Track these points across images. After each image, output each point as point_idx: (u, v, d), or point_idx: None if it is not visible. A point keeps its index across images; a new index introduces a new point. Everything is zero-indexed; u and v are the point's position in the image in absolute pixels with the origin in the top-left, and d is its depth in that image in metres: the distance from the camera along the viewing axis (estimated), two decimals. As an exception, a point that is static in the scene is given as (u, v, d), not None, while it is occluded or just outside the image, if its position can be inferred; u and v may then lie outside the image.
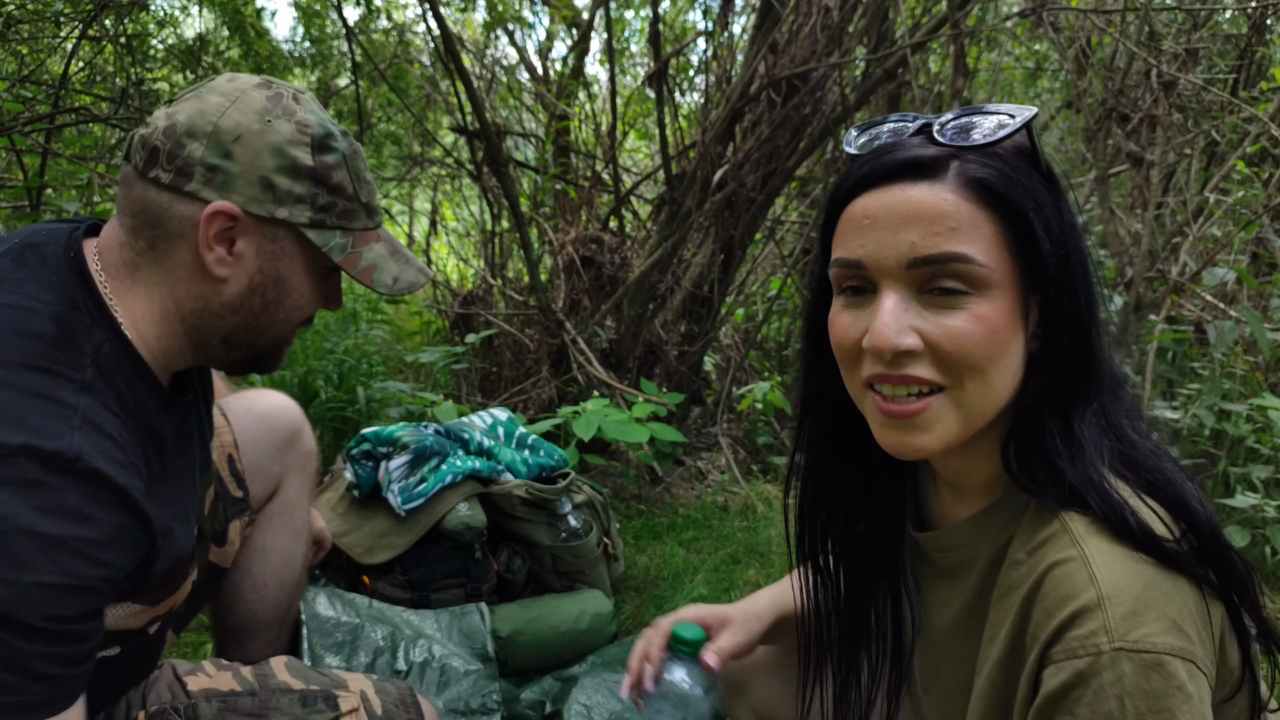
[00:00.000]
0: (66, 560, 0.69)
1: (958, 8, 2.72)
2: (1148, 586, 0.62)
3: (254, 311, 0.89)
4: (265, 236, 0.86)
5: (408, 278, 0.95)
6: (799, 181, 3.79)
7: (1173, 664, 0.59)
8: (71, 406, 0.73)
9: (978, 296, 0.66)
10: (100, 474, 0.72)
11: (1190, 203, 2.75)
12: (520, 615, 1.88)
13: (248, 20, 4.91)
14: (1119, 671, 0.60)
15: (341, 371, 3.03)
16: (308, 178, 0.86)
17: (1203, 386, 2.55)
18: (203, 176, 0.82)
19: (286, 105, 0.86)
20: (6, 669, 0.67)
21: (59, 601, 0.69)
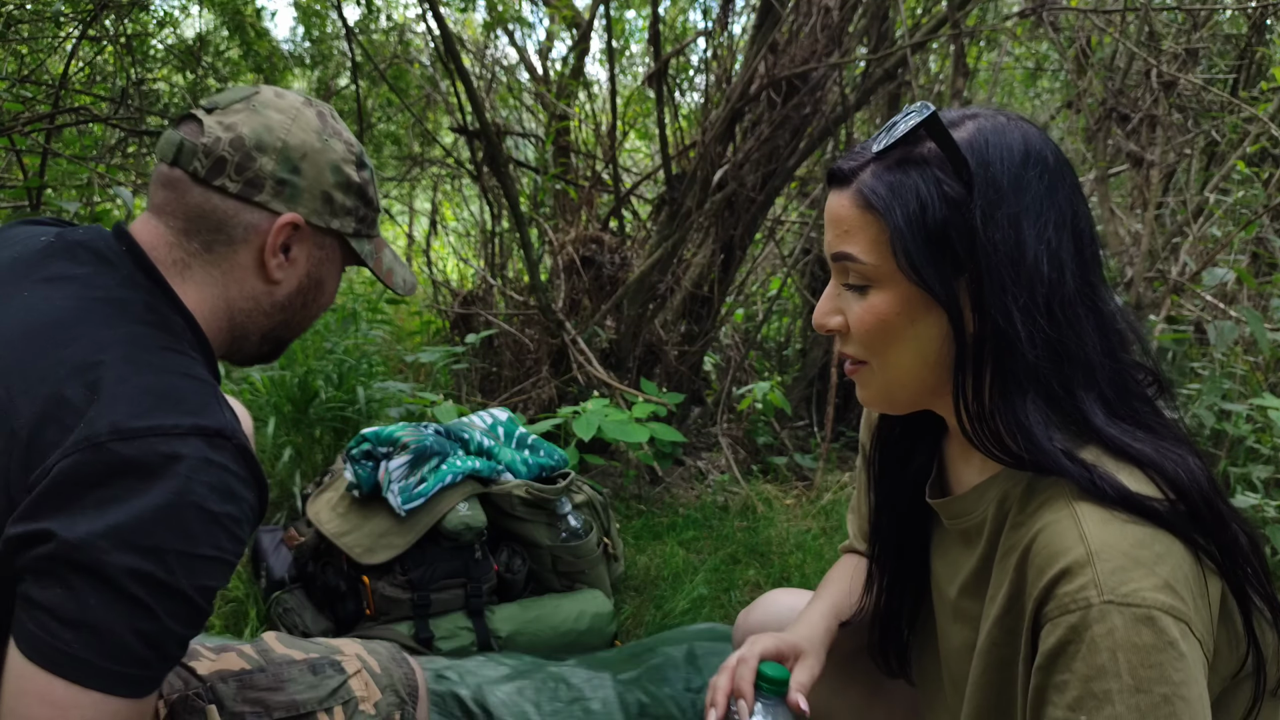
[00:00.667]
0: (221, 535, 0.75)
1: (958, 8, 2.72)
2: (1138, 545, 0.64)
3: (295, 311, 0.98)
4: (316, 244, 0.95)
5: (409, 279, 1.06)
6: (799, 181, 3.79)
7: (1164, 620, 0.61)
8: (211, 384, 0.81)
9: (873, 289, 0.76)
10: (248, 451, 0.79)
11: (1190, 203, 2.75)
12: (520, 615, 1.88)
13: (248, 20, 4.91)
14: (1110, 624, 0.61)
15: (341, 371, 3.03)
16: (355, 193, 0.96)
17: (1203, 386, 2.55)
18: (273, 189, 0.90)
19: (332, 125, 0.95)
20: (151, 645, 0.71)
21: (210, 574, 0.74)
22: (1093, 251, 0.75)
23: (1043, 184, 0.73)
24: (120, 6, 2.89)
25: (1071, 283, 0.72)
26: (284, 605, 1.85)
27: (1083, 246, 0.74)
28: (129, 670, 0.71)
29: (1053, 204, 0.73)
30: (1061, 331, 0.71)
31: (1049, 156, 0.74)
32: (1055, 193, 0.73)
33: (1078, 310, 0.72)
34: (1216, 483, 0.70)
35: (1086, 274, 0.74)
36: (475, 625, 1.84)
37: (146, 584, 0.70)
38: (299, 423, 2.91)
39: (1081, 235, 0.74)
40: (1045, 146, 0.75)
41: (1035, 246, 0.71)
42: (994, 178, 0.72)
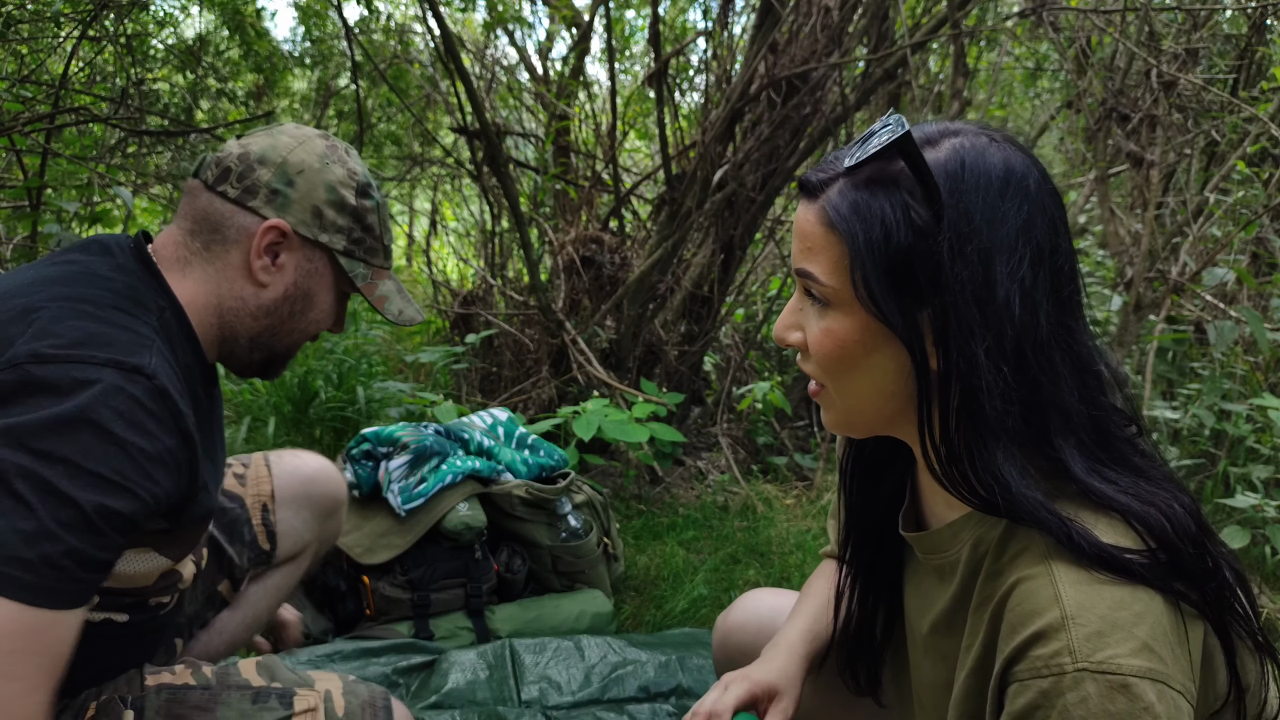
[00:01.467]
0: (124, 463, 0.78)
1: (958, 8, 2.72)
2: (1115, 606, 0.61)
3: (282, 318, 1.03)
4: (305, 256, 1.02)
5: (409, 313, 1.11)
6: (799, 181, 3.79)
7: (1139, 685, 0.59)
8: (149, 339, 0.87)
9: (833, 310, 0.72)
10: (168, 393, 0.83)
11: (1190, 203, 2.75)
12: (520, 615, 1.88)
13: (248, 20, 4.91)
14: (1083, 693, 0.59)
15: (341, 371, 3.03)
16: (349, 214, 1.03)
17: (1203, 386, 2.55)
18: (266, 197, 0.98)
19: (340, 155, 1.04)
20: (29, 545, 0.73)
21: (109, 495, 0.77)
22: (1071, 290, 0.71)
23: (1020, 216, 0.67)
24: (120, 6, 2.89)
25: (1045, 324, 0.68)
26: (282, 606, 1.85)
27: (1060, 285, 0.69)
28: (12, 571, 0.72)
29: (1029, 239, 0.68)
30: (1032, 377, 0.67)
31: (1030, 185, 0.69)
32: (1033, 226, 0.68)
33: (1052, 354, 0.68)
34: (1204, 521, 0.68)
35: (1063, 315, 0.69)
36: (475, 625, 1.84)
37: (30, 481, 0.73)
38: (299, 423, 2.92)
39: (1060, 272, 0.69)
40: (1029, 173, 0.69)
41: (1007, 285, 0.66)
42: (966, 207, 0.67)
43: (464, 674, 1.62)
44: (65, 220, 2.87)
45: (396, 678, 1.63)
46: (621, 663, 1.69)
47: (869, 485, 0.91)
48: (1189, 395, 2.64)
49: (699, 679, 1.68)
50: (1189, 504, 0.68)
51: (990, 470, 0.68)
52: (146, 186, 4.17)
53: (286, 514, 1.34)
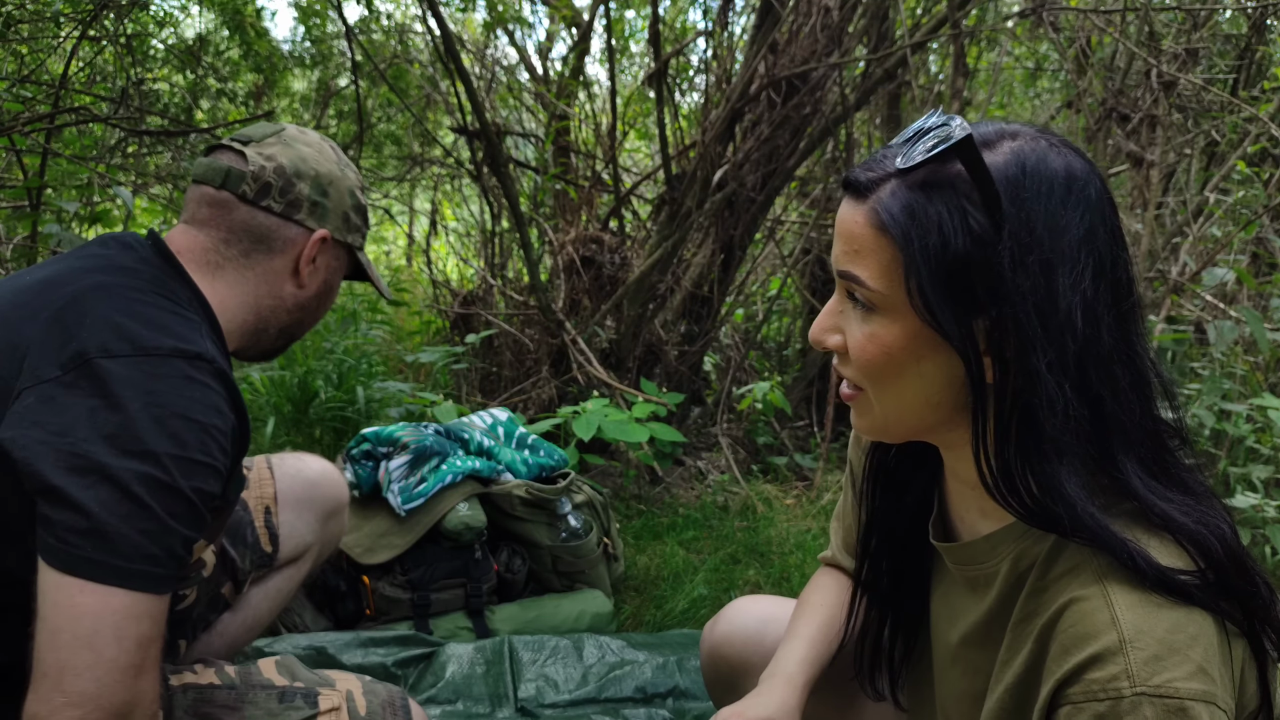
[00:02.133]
0: (210, 444, 0.84)
1: (958, 8, 2.72)
2: (1172, 630, 0.61)
3: (310, 310, 1.13)
4: (334, 255, 1.13)
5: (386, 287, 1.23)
6: (799, 181, 3.79)
7: (1196, 709, 0.59)
8: (198, 323, 0.93)
9: (879, 315, 0.69)
10: (228, 377, 0.89)
11: (1190, 203, 2.75)
12: (520, 615, 1.88)
13: (248, 20, 4.91)
14: (1141, 716, 0.59)
15: (341, 371, 3.03)
16: (361, 214, 1.15)
17: (1203, 386, 2.55)
18: (309, 209, 1.07)
19: (341, 158, 1.13)
20: (161, 544, 0.79)
21: (204, 478, 0.83)
22: (1130, 304, 0.68)
23: (1083, 225, 0.65)
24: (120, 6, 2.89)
25: (1108, 338, 0.65)
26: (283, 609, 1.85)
27: (1120, 298, 0.67)
28: (142, 567, 0.78)
29: (1092, 249, 0.65)
30: (1095, 393, 0.65)
31: (1092, 193, 0.66)
32: (1095, 236, 0.66)
33: (1114, 369, 0.66)
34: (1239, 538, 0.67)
35: (1125, 327, 0.67)
36: (475, 625, 1.84)
37: (146, 485, 0.78)
38: (299, 423, 2.92)
39: (1120, 284, 0.67)
40: (1090, 181, 0.67)
41: (1069, 297, 0.64)
42: (1029, 216, 0.64)
43: (461, 668, 1.63)
44: (65, 220, 2.87)
45: (395, 669, 1.63)
46: (619, 663, 1.69)
47: (893, 493, 0.88)
48: (1189, 395, 2.64)
49: (697, 680, 1.68)
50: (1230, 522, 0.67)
51: (1053, 488, 0.66)
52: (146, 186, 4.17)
53: (289, 516, 1.34)
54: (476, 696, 1.58)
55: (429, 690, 1.57)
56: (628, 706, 1.60)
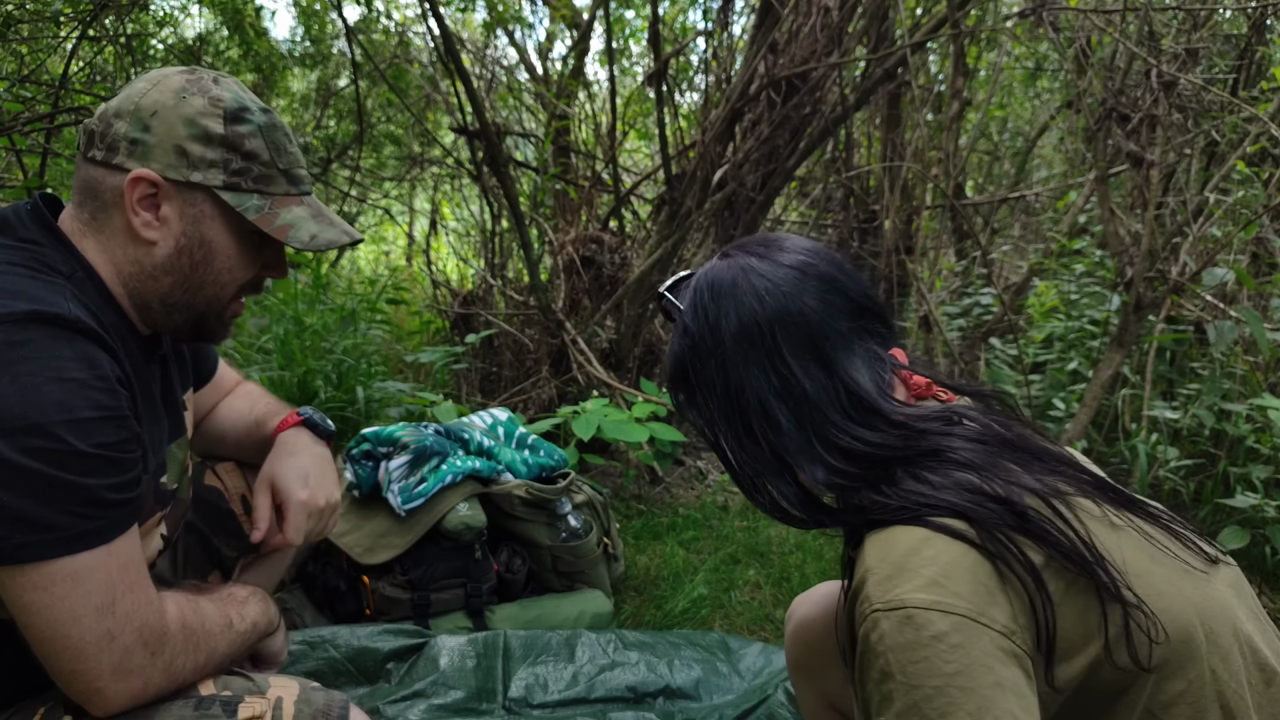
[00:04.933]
0: (95, 395, 0.80)
1: (958, 8, 2.72)
2: (908, 553, 0.69)
3: (185, 273, 0.97)
4: (186, 201, 0.94)
5: (328, 236, 1.00)
6: (799, 181, 3.79)
7: (923, 616, 0.65)
8: (61, 286, 0.86)
9: None
10: (97, 333, 0.83)
11: (1190, 203, 2.75)
12: (520, 615, 1.88)
13: (247, 20, 4.91)
14: (880, 630, 0.67)
15: (341, 371, 3.03)
16: (219, 144, 0.94)
17: (1203, 386, 2.55)
18: (126, 149, 0.92)
19: (203, 85, 0.95)
20: (84, 502, 0.78)
21: (102, 430, 0.80)
22: (801, 339, 0.83)
23: (736, 316, 0.86)
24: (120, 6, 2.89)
25: (760, 387, 0.84)
26: (284, 605, 1.85)
27: (776, 350, 0.84)
28: (74, 528, 0.78)
29: (746, 330, 0.85)
30: (766, 431, 0.83)
31: (744, 287, 0.86)
32: (752, 315, 0.85)
33: (773, 409, 0.84)
34: (982, 466, 0.74)
35: (782, 370, 0.83)
36: (475, 625, 1.84)
37: (44, 459, 0.76)
38: (299, 423, 2.91)
39: (773, 338, 0.84)
40: (742, 279, 0.87)
41: (722, 371, 0.85)
42: (694, 326, 0.88)
43: (452, 661, 1.62)
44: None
45: (388, 662, 1.63)
46: (610, 664, 1.68)
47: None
48: (1189, 395, 2.64)
49: (689, 678, 1.67)
50: (963, 457, 0.76)
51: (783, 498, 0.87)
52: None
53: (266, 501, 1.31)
54: (466, 690, 1.57)
55: (419, 682, 1.57)
56: (616, 708, 1.60)
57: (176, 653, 0.86)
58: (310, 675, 1.56)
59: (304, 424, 1.26)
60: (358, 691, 1.57)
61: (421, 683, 1.57)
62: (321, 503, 1.18)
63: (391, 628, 1.70)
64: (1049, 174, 5.40)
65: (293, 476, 1.17)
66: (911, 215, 3.65)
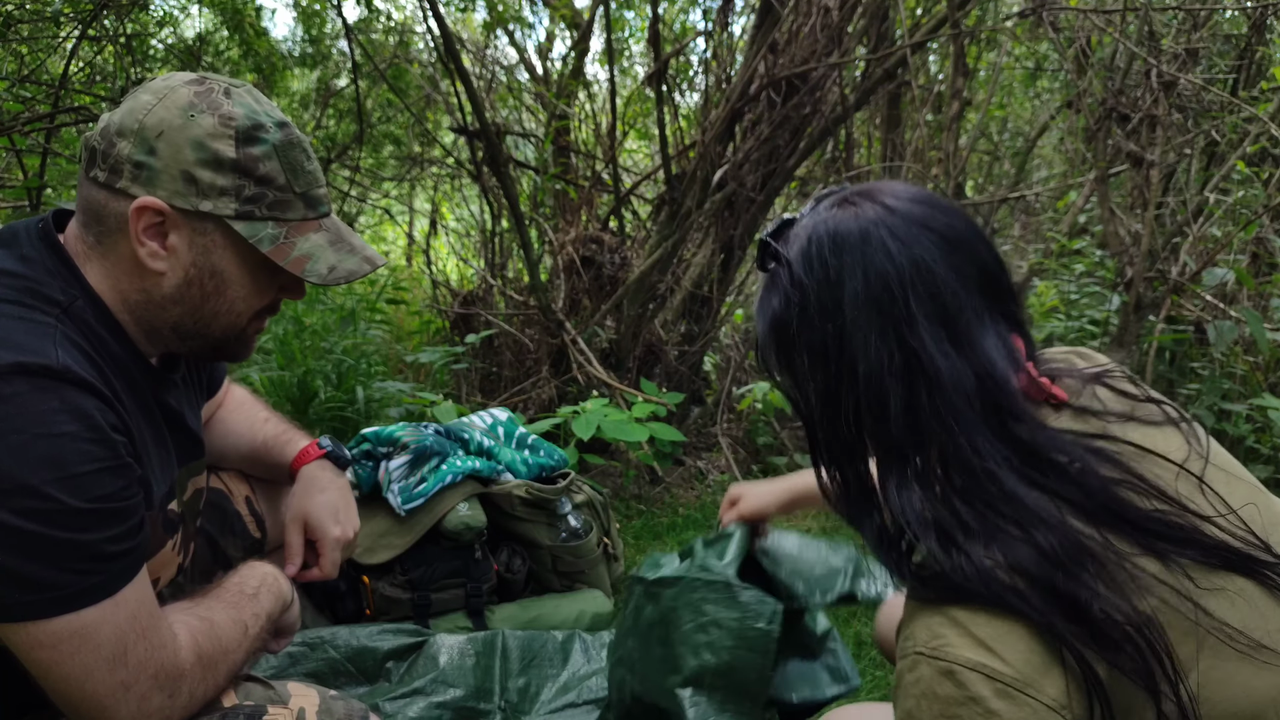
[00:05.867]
0: (87, 448, 0.76)
1: (958, 8, 2.72)
2: (966, 619, 0.65)
3: (195, 304, 0.91)
4: (195, 230, 0.88)
5: (347, 266, 0.94)
6: (799, 181, 3.79)
7: (966, 675, 0.63)
8: (51, 325, 0.81)
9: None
10: (86, 380, 0.79)
11: (1190, 203, 2.75)
12: (520, 615, 1.88)
13: (247, 20, 4.91)
14: (919, 674, 0.65)
15: (340, 371, 3.03)
16: (231, 170, 0.87)
17: (1203, 386, 2.55)
18: (130, 173, 0.85)
19: (213, 100, 0.88)
20: (83, 559, 0.76)
21: (97, 483, 0.77)
22: (937, 310, 0.72)
23: (859, 275, 0.74)
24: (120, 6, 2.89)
25: (879, 360, 0.72)
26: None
27: (909, 318, 0.72)
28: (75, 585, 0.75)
29: (873, 292, 0.73)
30: (867, 417, 0.73)
31: (875, 243, 0.73)
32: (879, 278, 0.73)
33: (884, 389, 0.72)
34: (1064, 559, 0.64)
35: (912, 343, 0.71)
36: (475, 625, 1.84)
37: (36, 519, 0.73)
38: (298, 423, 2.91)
39: (907, 303, 0.72)
40: (872, 232, 0.74)
41: (838, 334, 0.74)
42: (810, 282, 0.75)
43: (451, 659, 1.62)
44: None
45: (387, 661, 1.63)
46: (603, 669, 1.68)
47: None
48: (1189, 395, 2.64)
49: None
50: (1045, 542, 0.65)
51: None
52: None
53: (273, 503, 1.35)
54: (465, 688, 1.57)
55: (418, 680, 1.57)
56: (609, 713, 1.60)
57: (195, 685, 0.85)
58: (310, 675, 1.56)
59: (326, 457, 1.27)
60: (358, 690, 1.57)
61: (421, 681, 1.57)
62: (350, 535, 1.20)
63: (391, 627, 1.70)
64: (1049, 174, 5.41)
65: (325, 514, 1.18)
66: (911, 215, 3.64)
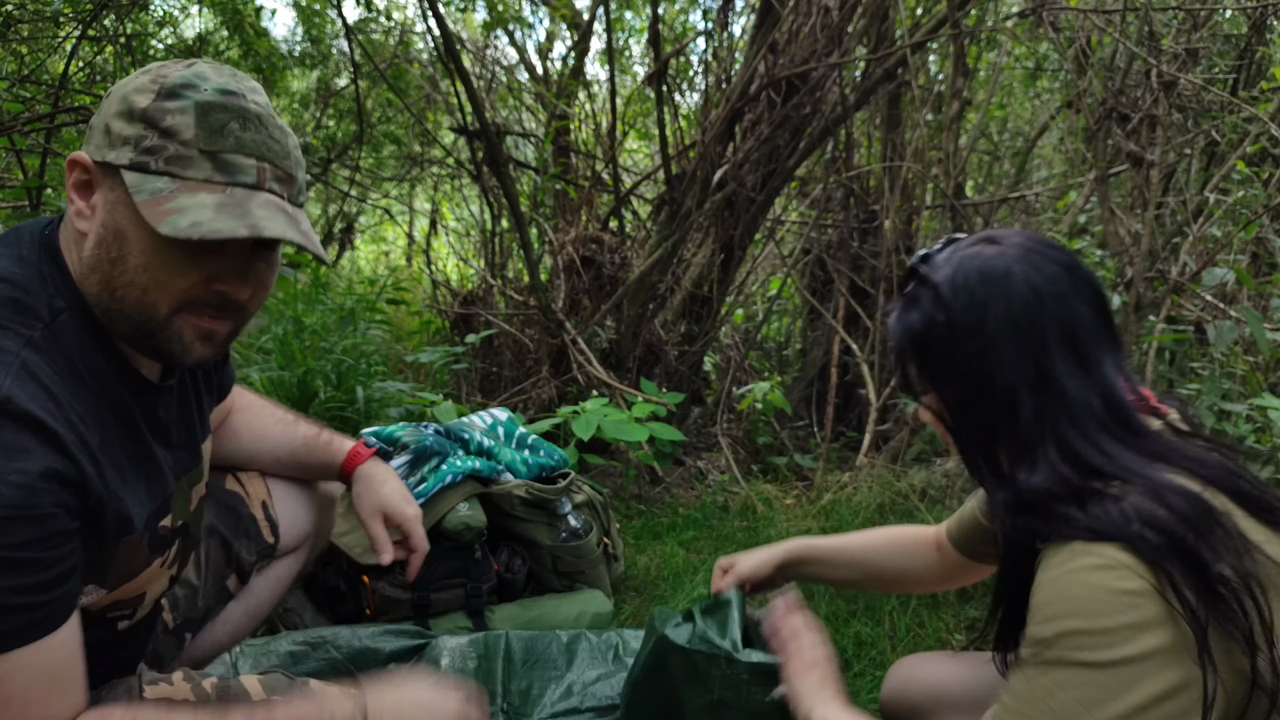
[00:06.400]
0: (5, 491, 0.70)
1: (958, 8, 2.72)
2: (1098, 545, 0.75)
3: (105, 270, 0.83)
4: (108, 186, 0.83)
5: (215, 225, 0.80)
6: (799, 181, 3.79)
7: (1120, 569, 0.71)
8: (12, 354, 0.76)
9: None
10: (33, 416, 0.74)
11: (1190, 203, 2.75)
12: (520, 615, 1.88)
13: (247, 20, 4.91)
14: (1076, 563, 0.74)
15: (340, 371, 3.03)
16: (139, 120, 0.82)
17: (1203, 386, 2.55)
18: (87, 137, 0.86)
19: (170, 68, 0.85)
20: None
21: (5, 530, 0.71)
22: (1065, 337, 0.85)
23: (1002, 306, 0.86)
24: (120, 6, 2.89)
25: (1013, 375, 0.85)
26: (284, 605, 1.85)
27: (1043, 341, 0.85)
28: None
29: (1014, 321, 0.85)
30: (1002, 419, 0.85)
31: (1015, 281, 0.86)
32: (1018, 311, 0.85)
33: (1018, 397, 0.85)
34: (1194, 521, 0.73)
35: (1044, 362, 0.84)
36: (475, 625, 1.84)
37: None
38: (299, 423, 2.91)
39: (1041, 329, 0.85)
40: (1011, 271, 0.86)
41: (979, 352, 0.86)
42: (959, 307, 0.87)
43: (454, 662, 1.62)
44: (65, 220, 2.87)
45: (389, 663, 1.63)
46: (609, 673, 1.67)
47: None
48: (1189, 395, 2.64)
49: None
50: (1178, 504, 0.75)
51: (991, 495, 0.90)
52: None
53: (287, 508, 1.35)
54: None
55: None
56: (611, 715, 1.60)
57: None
58: (311, 676, 1.55)
59: (378, 454, 1.38)
60: None
61: None
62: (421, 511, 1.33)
63: (392, 628, 1.70)
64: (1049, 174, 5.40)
65: (399, 500, 1.32)
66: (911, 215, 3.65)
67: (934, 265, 0.92)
